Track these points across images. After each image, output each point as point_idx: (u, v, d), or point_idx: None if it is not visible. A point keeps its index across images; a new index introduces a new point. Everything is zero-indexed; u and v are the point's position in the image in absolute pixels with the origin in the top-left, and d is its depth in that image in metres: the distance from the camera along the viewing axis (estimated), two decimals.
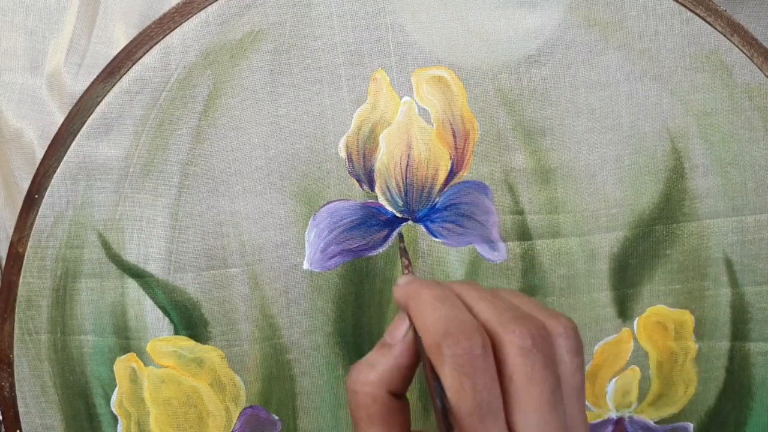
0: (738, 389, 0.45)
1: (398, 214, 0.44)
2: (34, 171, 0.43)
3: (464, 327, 0.31)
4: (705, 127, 0.44)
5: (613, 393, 0.45)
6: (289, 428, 0.45)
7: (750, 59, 0.43)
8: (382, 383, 0.33)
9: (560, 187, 0.44)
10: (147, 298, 0.44)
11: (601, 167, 0.44)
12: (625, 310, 0.45)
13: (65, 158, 0.43)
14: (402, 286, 0.34)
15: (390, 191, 0.44)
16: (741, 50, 0.43)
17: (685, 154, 0.44)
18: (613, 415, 0.45)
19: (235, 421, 0.45)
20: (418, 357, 0.33)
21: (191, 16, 0.42)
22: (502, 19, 0.43)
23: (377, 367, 0.33)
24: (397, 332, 0.34)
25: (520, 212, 0.44)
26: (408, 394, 0.33)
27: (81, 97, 0.43)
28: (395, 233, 0.44)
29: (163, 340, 0.44)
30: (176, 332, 0.44)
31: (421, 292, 0.33)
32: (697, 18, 0.43)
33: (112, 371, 0.44)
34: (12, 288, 0.44)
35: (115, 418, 0.45)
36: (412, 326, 0.33)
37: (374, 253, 0.44)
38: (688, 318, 0.45)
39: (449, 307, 0.32)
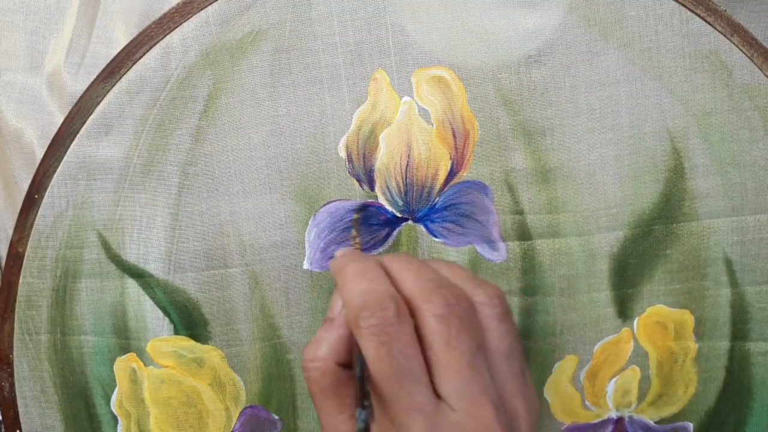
0: (738, 389, 0.45)
1: (398, 214, 0.44)
2: (34, 171, 0.43)
3: (379, 298, 0.32)
4: (705, 127, 0.44)
5: (612, 393, 0.45)
6: (289, 428, 0.45)
7: (750, 59, 0.43)
8: (329, 356, 0.34)
9: (560, 187, 0.44)
10: (147, 298, 0.44)
11: (601, 167, 0.44)
12: (624, 309, 0.45)
13: (65, 158, 0.43)
14: (334, 260, 0.36)
15: (390, 191, 0.44)
16: (741, 50, 0.43)
17: (685, 154, 0.44)
18: (613, 414, 0.45)
19: (235, 421, 0.45)
20: None
21: (191, 16, 0.42)
22: (502, 19, 0.43)
23: (322, 342, 0.34)
24: (336, 305, 0.35)
25: (520, 212, 0.44)
26: None
27: (81, 97, 0.43)
28: (395, 233, 0.44)
29: (163, 340, 0.44)
30: (176, 332, 0.44)
31: (346, 266, 0.35)
32: (697, 18, 0.43)
33: (112, 371, 0.44)
34: (12, 288, 0.44)
35: (115, 418, 0.45)
36: None
37: (374, 253, 0.44)
38: (688, 318, 0.45)
39: (368, 280, 0.33)
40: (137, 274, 0.44)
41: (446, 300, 0.33)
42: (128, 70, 0.43)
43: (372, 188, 0.44)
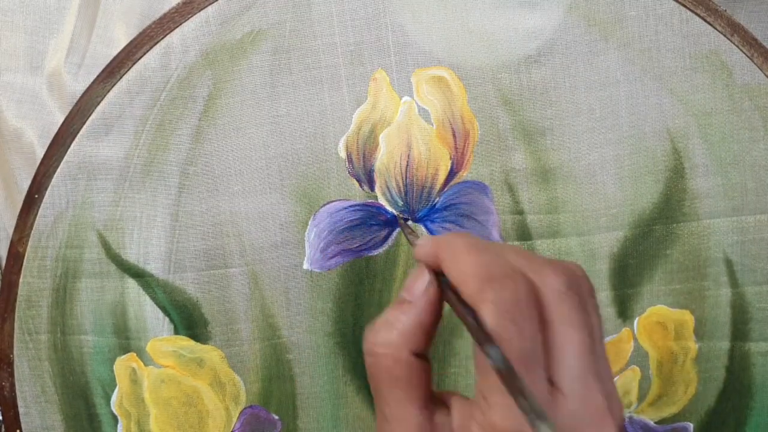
0: (738, 389, 0.45)
1: (398, 214, 0.44)
2: (34, 171, 0.43)
3: (509, 270, 0.29)
4: (705, 127, 0.44)
5: None
6: (289, 428, 0.45)
7: (750, 59, 0.43)
8: (404, 343, 0.30)
9: (560, 187, 0.44)
10: (147, 297, 0.44)
11: (601, 167, 0.44)
12: (625, 310, 0.45)
13: (65, 158, 0.43)
14: (426, 241, 0.32)
15: (390, 191, 0.44)
16: (741, 50, 0.43)
17: (685, 154, 0.44)
18: None
19: (235, 421, 0.45)
20: (440, 314, 0.31)
21: (191, 16, 0.42)
22: (502, 19, 0.43)
23: (397, 326, 0.31)
24: (417, 287, 0.31)
25: (520, 212, 0.44)
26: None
27: (81, 97, 0.43)
28: (395, 233, 0.44)
29: (163, 340, 0.44)
30: (176, 332, 0.44)
31: (455, 241, 0.31)
32: (697, 18, 0.43)
33: (112, 371, 0.44)
34: (12, 288, 0.44)
35: (115, 418, 0.45)
36: (434, 281, 0.31)
37: (374, 253, 0.44)
38: (688, 318, 0.45)
39: (488, 253, 0.30)
40: (137, 274, 0.44)
41: (565, 274, 0.30)
42: (128, 70, 0.43)
43: (372, 188, 0.44)
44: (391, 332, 0.30)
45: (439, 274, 0.31)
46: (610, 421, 0.29)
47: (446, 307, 0.32)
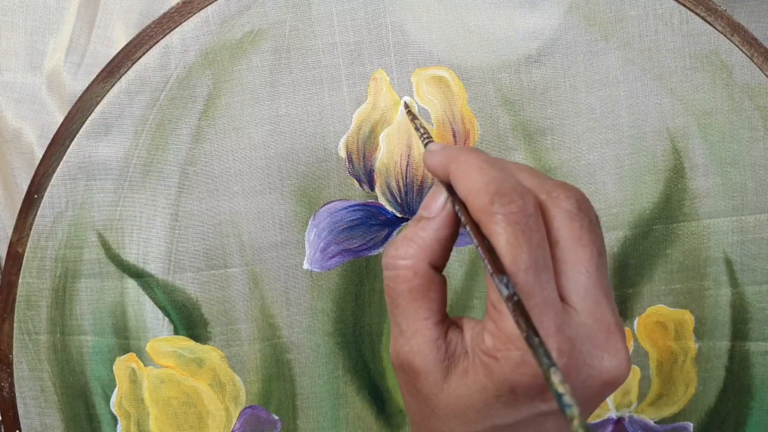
0: (738, 389, 0.45)
1: (398, 214, 0.44)
2: (33, 171, 0.43)
3: (518, 186, 0.30)
4: (705, 127, 0.44)
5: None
6: (289, 428, 0.45)
7: (750, 59, 0.43)
8: (424, 255, 0.31)
9: None
10: (147, 298, 0.44)
11: (601, 167, 0.44)
12: (625, 309, 0.45)
13: (65, 158, 0.43)
14: (438, 151, 0.33)
15: (390, 191, 0.44)
16: (741, 50, 0.43)
17: (685, 153, 0.44)
18: (613, 414, 0.45)
19: (234, 421, 0.45)
20: (457, 229, 0.32)
21: (191, 16, 0.42)
22: (502, 19, 0.43)
23: (416, 240, 0.32)
24: (435, 203, 0.32)
25: None
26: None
27: (80, 96, 0.43)
28: (395, 233, 0.44)
29: (162, 340, 0.44)
30: (176, 332, 0.44)
31: (465, 155, 0.32)
32: (697, 18, 0.43)
33: (112, 371, 0.44)
34: (11, 288, 0.44)
35: (114, 419, 0.45)
36: (450, 195, 0.32)
37: (374, 253, 0.44)
38: (688, 318, 0.45)
39: (498, 169, 0.31)
40: (137, 274, 0.44)
41: (576, 197, 0.31)
42: (128, 69, 0.43)
43: (372, 188, 0.44)
44: (411, 246, 0.31)
45: (452, 188, 0.32)
46: (618, 335, 0.30)
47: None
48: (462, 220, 0.31)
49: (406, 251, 0.31)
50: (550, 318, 0.29)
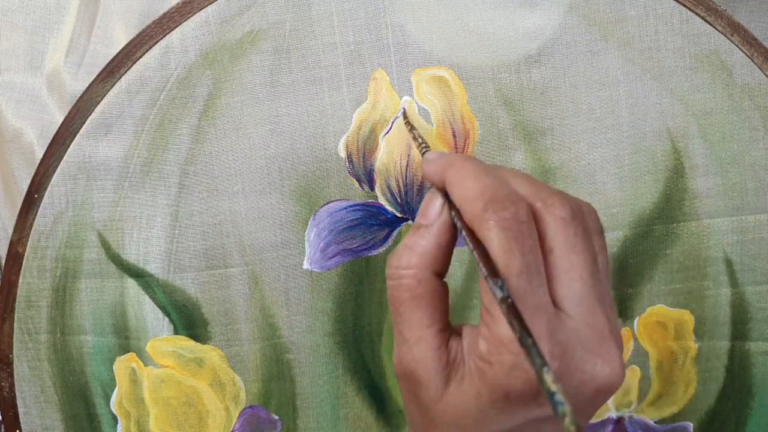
0: (738, 389, 0.45)
1: (398, 214, 0.44)
2: (33, 171, 0.43)
3: (511, 194, 0.31)
4: (705, 127, 0.44)
5: None
6: (289, 428, 0.45)
7: (750, 59, 0.43)
8: (426, 264, 0.32)
9: (560, 187, 0.44)
10: (147, 298, 0.44)
11: (601, 167, 0.44)
12: (625, 309, 0.45)
13: (65, 158, 0.43)
14: (435, 159, 0.34)
15: (390, 191, 0.44)
16: (741, 50, 0.43)
17: (685, 153, 0.44)
18: (613, 414, 0.45)
19: (235, 421, 0.45)
20: (455, 233, 0.32)
21: (191, 16, 0.42)
22: (502, 19, 0.43)
23: (417, 249, 0.32)
24: (431, 211, 0.33)
25: None
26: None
27: (81, 96, 0.43)
28: (395, 233, 0.44)
29: (162, 340, 0.44)
30: (176, 332, 0.44)
31: (461, 163, 0.32)
32: (697, 18, 0.43)
33: (112, 371, 0.44)
34: (12, 288, 0.44)
35: (114, 418, 0.45)
36: (446, 202, 0.32)
37: (374, 253, 0.44)
38: (688, 318, 0.45)
39: (492, 177, 0.31)
40: (137, 274, 0.44)
41: (569, 204, 0.31)
42: (128, 69, 0.43)
43: (372, 188, 0.44)
44: (413, 255, 0.32)
45: (448, 195, 0.32)
46: (612, 342, 0.30)
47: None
48: (458, 226, 0.32)
49: (408, 260, 0.32)
50: (542, 322, 0.29)
